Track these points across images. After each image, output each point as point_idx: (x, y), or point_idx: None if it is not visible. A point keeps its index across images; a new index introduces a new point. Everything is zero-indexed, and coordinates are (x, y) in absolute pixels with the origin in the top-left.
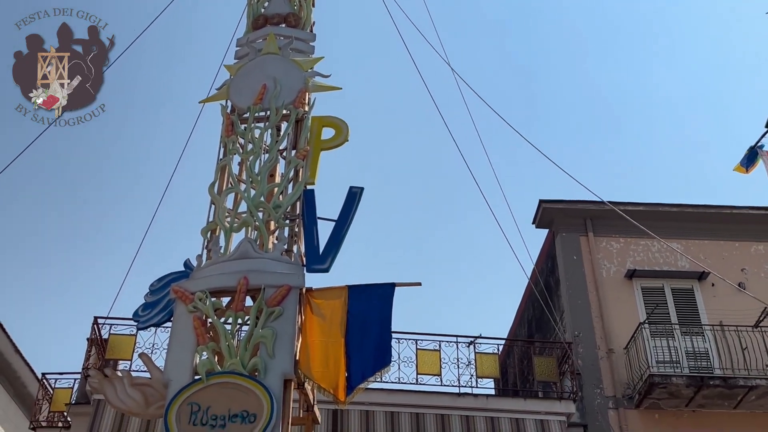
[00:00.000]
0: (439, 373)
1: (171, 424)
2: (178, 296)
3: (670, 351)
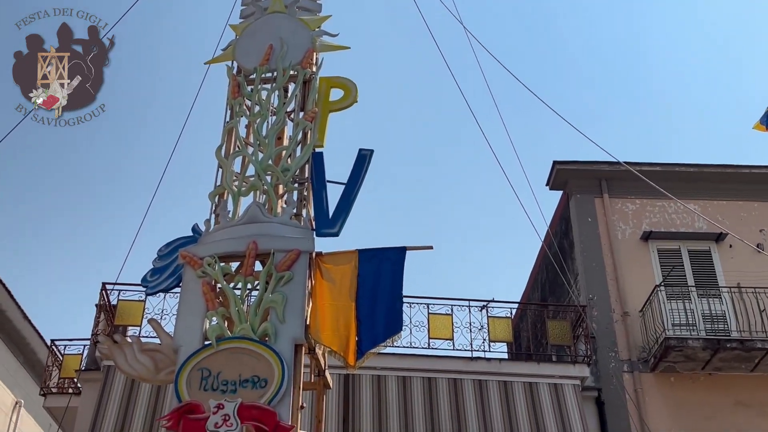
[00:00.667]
0: (451, 337)
1: (181, 390)
2: (187, 261)
3: (686, 314)
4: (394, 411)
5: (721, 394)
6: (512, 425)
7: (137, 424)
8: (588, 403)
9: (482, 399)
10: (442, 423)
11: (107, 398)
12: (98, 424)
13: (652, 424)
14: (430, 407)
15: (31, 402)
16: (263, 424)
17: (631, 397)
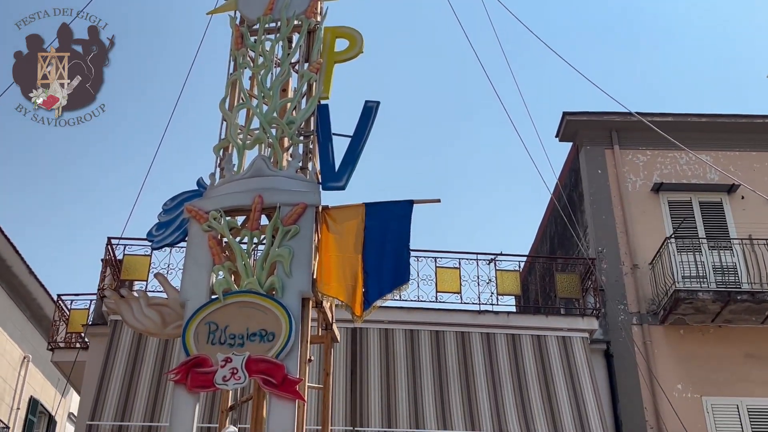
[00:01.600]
0: (459, 290)
1: (189, 344)
2: (192, 215)
3: (696, 266)
4: (402, 364)
5: (730, 346)
6: (520, 378)
7: (145, 378)
8: (596, 356)
9: (490, 352)
10: (450, 376)
11: (115, 352)
12: (106, 378)
13: (661, 377)
14: (437, 360)
15: (39, 357)
16: (271, 378)
17: (640, 349)
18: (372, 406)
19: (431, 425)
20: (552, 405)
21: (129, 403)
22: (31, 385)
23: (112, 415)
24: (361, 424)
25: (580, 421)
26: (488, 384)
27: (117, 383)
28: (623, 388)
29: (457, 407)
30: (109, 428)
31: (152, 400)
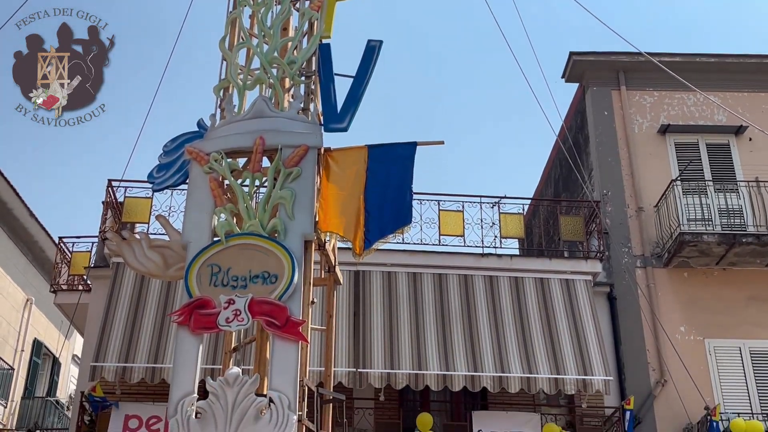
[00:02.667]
0: (462, 234)
1: (191, 286)
2: (193, 157)
3: (702, 209)
4: (405, 307)
5: (734, 289)
6: (523, 321)
7: (148, 319)
8: (599, 298)
9: (493, 295)
10: (453, 319)
11: (117, 294)
12: (109, 320)
13: (664, 320)
14: (440, 303)
15: (42, 299)
16: (274, 319)
17: (644, 292)
18: (375, 348)
19: (434, 367)
20: (554, 347)
21: (132, 345)
22: (35, 328)
23: (116, 357)
24: (364, 365)
25: (582, 364)
26: (491, 326)
27: (120, 325)
28: (626, 331)
29: (459, 349)
30: (113, 369)
31: (155, 342)
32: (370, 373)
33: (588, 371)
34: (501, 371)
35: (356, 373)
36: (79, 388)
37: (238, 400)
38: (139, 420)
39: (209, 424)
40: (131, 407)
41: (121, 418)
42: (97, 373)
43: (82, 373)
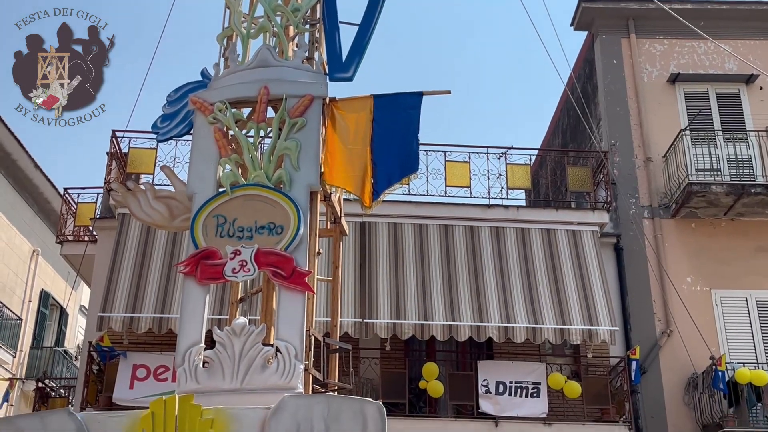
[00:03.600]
0: (468, 185)
1: (198, 236)
2: (197, 107)
3: (711, 159)
4: (411, 258)
5: (742, 239)
6: (529, 272)
7: (155, 270)
8: (606, 249)
9: (499, 246)
10: (459, 270)
11: (123, 245)
12: (116, 271)
13: (671, 270)
14: (446, 254)
15: (48, 251)
16: (280, 270)
17: (651, 243)
18: (381, 299)
19: (439, 317)
20: (560, 298)
21: (139, 295)
22: (42, 279)
23: (123, 307)
24: (370, 316)
25: (588, 314)
26: (497, 277)
27: (127, 275)
28: (632, 282)
29: (465, 300)
30: (120, 320)
31: (162, 292)
32: (376, 324)
33: (594, 321)
34: (507, 321)
35: (362, 324)
36: (87, 338)
37: (245, 350)
38: (147, 369)
39: (217, 373)
40: (139, 357)
41: (129, 368)
42: (104, 324)
43: (89, 324)
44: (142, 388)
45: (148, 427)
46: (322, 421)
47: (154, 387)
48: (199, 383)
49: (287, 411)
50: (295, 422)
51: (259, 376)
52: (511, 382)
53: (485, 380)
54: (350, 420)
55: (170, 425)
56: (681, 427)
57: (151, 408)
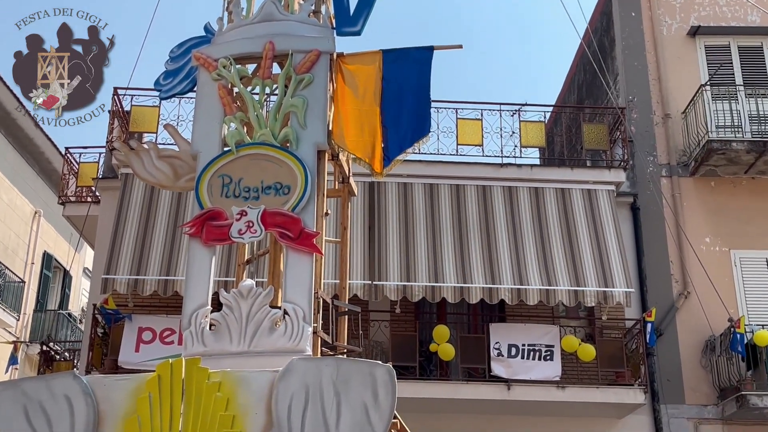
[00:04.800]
0: (480, 143)
1: (203, 197)
2: (201, 63)
3: (732, 115)
4: (421, 218)
5: (762, 198)
6: (542, 232)
7: (159, 231)
8: (622, 209)
9: (512, 206)
10: (470, 230)
11: (127, 206)
12: (120, 232)
13: (689, 230)
14: (457, 215)
15: (51, 212)
16: (287, 231)
17: (668, 202)
18: (390, 260)
19: (450, 279)
20: (575, 259)
21: (144, 257)
22: (44, 241)
23: (128, 269)
24: (380, 277)
25: (603, 275)
26: (509, 238)
27: (131, 237)
28: (649, 242)
29: (477, 261)
30: (125, 282)
31: (167, 254)
32: (386, 286)
33: (609, 283)
34: (519, 283)
35: (372, 286)
36: (91, 301)
37: (253, 312)
38: (153, 332)
39: (224, 336)
40: (144, 320)
41: (135, 331)
42: (108, 286)
43: (93, 286)
44: (148, 351)
45: (154, 391)
46: (331, 384)
47: (160, 350)
48: (205, 346)
49: (296, 374)
50: (304, 385)
51: (267, 339)
52: (523, 345)
53: (497, 343)
54: (360, 383)
55: (177, 388)
56: (698, 391)
57: (158, 371)
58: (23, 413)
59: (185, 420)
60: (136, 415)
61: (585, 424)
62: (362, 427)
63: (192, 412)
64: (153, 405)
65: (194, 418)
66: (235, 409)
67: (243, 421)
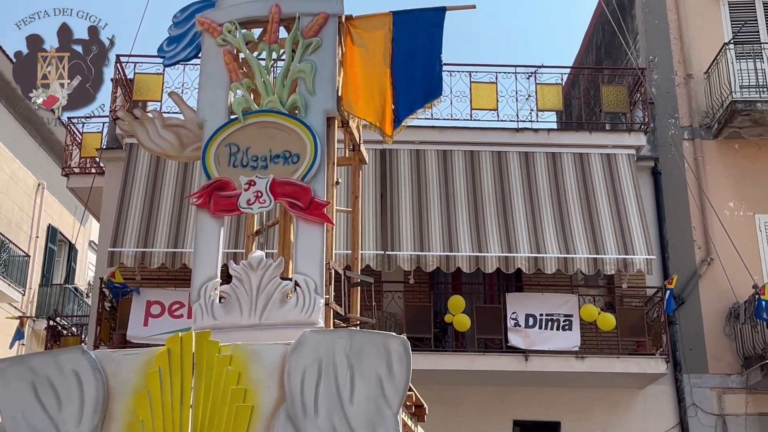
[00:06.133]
0: (495, 107)
1: (210, 167)
2: (205, 28)
3: (756, 74)
4: (435, 186)
5: None
6: (560, 199)
7: (166, 202)
8: (643, 173)
9: (528, 172)
10: (486, 198)
11: (132, 177)
12: (125, 204)
13: (712, 195)
14: (472, 182)
15: (54, 184)
16: (297, 201)
17: (691, 166)
18: (403, 230)
19: (465, 248)
20: (593, 226)
21: (151, 229)
22: (49, 214)
23: (134, 242)
24: (393, 247)
25: (623, 242)
26: (526, 205)
27: (137, 208)
28: (671, 208)
29: (492, 229)
30: (132, 255)
31: (175, 226)
32: (399, 256)
33: (629, 250)
34: (537, 252)
35: (384, 256)
36: (97, 275)
37: (263, 284)
38: (162, 306)
39: (234, 309)
40: (153, 293)
41: (143, 304)
42: (115, 259)
43: (100, 260)
44: (157, 325)
45: (164, 365)
46: (344, 357)
47: (169, 324)
48: (215, 319)
49: (308, 347)
50: (317, 358)
51: (278, 312)
52: (541, 315)
53: (514, 313)
54: (373, 355)
55: (187, 362)
56: (721, 359)
57: (167, 345)
58: (31, 390)
59: (197, 394)
60: (147, 390)
61: (605, 395)
62: (377, 400)
63: (203, 386)
64: (163, 379)
65: (206, 392)
66: (246, 383)
67: (255, 395)
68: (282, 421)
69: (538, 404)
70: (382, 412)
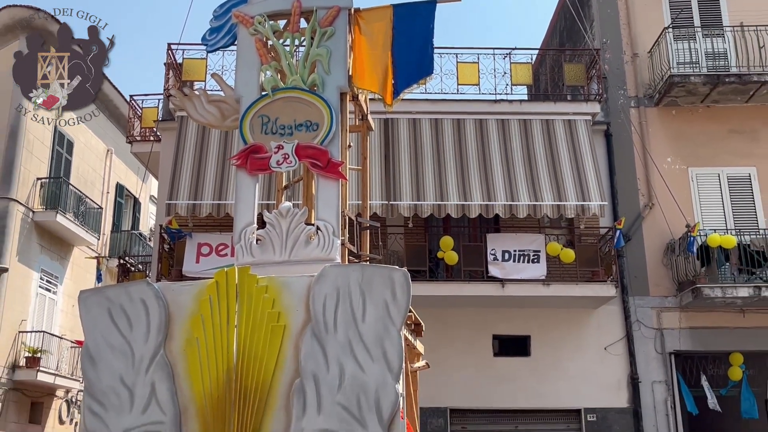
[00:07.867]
0: (477, 83)
1: (246, 134)
2: (239, 20)
3: (690, 53)
4: (428, 148)
5: (717, 123)
6: (530, 157)
7: (212, 163)
8: (598, 136)
9: (504, 136)
10: (470, 157)
11: (184, 143)
12: (179, 165)
13: (653, 152)
14: (459, 145)
15: (120, 150)
16: (317, 161)
17: (636, 129)
18: (403, 184)
19: (453, 198)
20: (557, 179)
21: (200, 185)
22: (117, 174)
23: (187, 195)
24: (395, 198)
25: (581, 191)
26: (503, 163)
27: (188, 168)
28: (620, 164)
29: (475, 183)
30: (185, 206)
31: (219, 182)
32: (400, 205)
33: (586, 197)
34: (511, 200)
35: (388, 205)
36: (157, 223)
37: (291, 228)
38: (210, 247)
39: (268, 249)
40: (203, 237)
41: (195, 246)
42: (171, 210)
43: (159, 210)
44: (206, 262)
45: (213, 294)
46: (357, 286)
47: (217, 261)
48: (253, 257)
49: (328, 278)
50: (335, 287)
51: (304, 250)
52: (515, 251)
53: (493, 249)
54: (381, 285)
55: (232, 292)
56: (660, 284)
57: (216, 278)
58: (108, 314)
59: (240, 316)
60: (200, 314)
61: (566, 314)
62: (384, 320)
63: (245, 310)
64: (213, 305)
65: (247, 314)
66: (279, 307)
67: (286, 317)
68: (308, 337)
69: (513, 322)
70: (388, 329)
